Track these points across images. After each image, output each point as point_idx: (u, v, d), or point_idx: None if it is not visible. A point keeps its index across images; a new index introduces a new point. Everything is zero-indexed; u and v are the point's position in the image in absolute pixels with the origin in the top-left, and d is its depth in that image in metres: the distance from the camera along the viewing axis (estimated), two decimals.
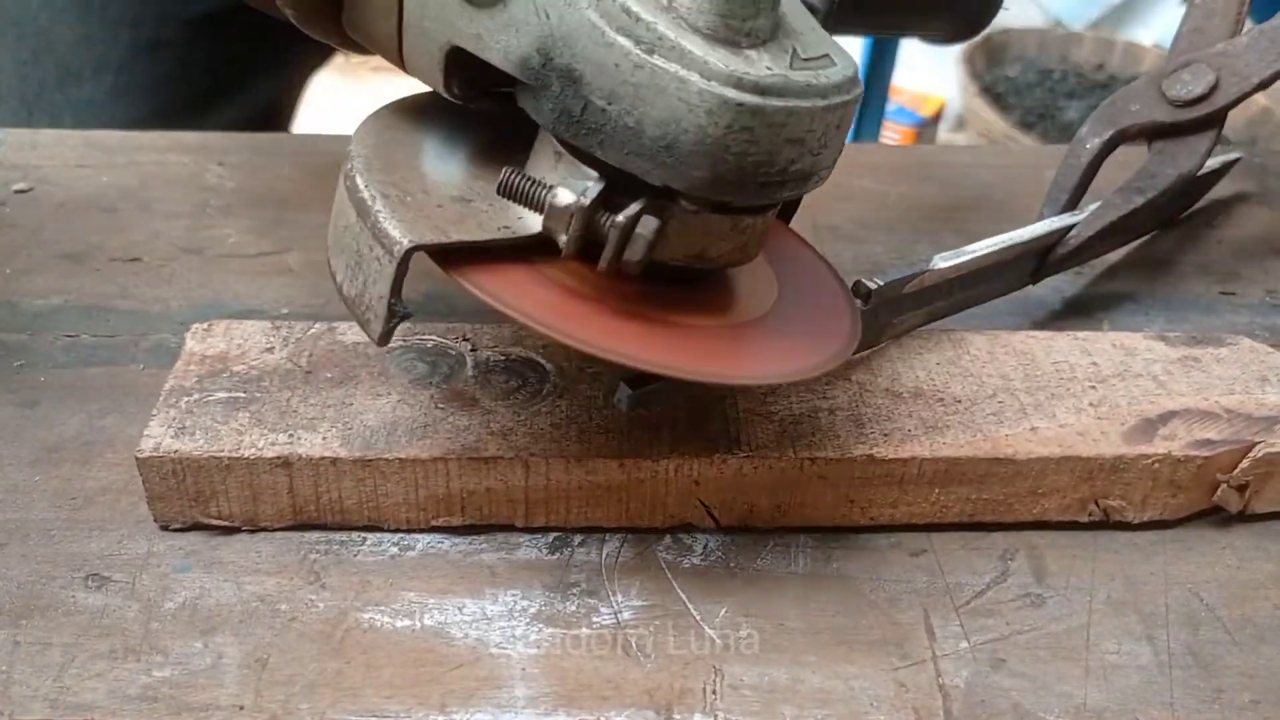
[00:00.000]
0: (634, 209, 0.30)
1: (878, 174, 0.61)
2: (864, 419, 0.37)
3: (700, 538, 0.37)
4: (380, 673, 0.32)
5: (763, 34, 0.29)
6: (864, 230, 0.56)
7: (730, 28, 0.28)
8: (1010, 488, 0.37)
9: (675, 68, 0.28)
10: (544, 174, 0.32)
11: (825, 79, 0.29)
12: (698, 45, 0.28)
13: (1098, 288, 0.52)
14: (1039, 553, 0.37)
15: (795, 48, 0.29)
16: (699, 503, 0.36)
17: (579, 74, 0.29)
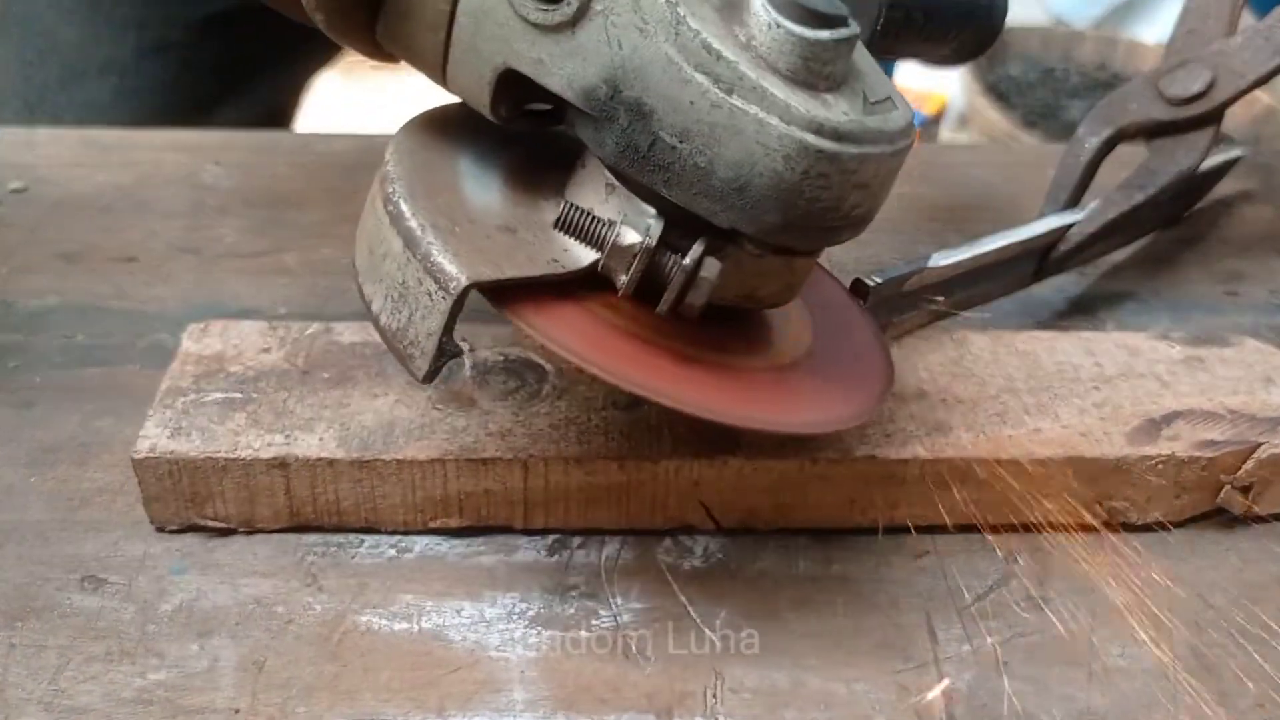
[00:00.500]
0: (698, 251, 0.29)
1: None
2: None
3: (700, 539, 0.37)
4: (378, 676, 0.32)
5: (839, 77, 0.28)
6: (866, 230, 0.55)
7: (810, 70, 0.27)
8: (1013, 489, 0.37)
9: (755, 109, 0.27)
10: (593, 205, 0.31)
11: (892, 124, 0.29)
12: (778, 87, 0.27)
13: (1101, 287, 0.51)
14: (1042, 555, 0.37)
15: (865, 91, 0.29)
16: (699, 504, 0.36)
17: (649, 109, 0.28)
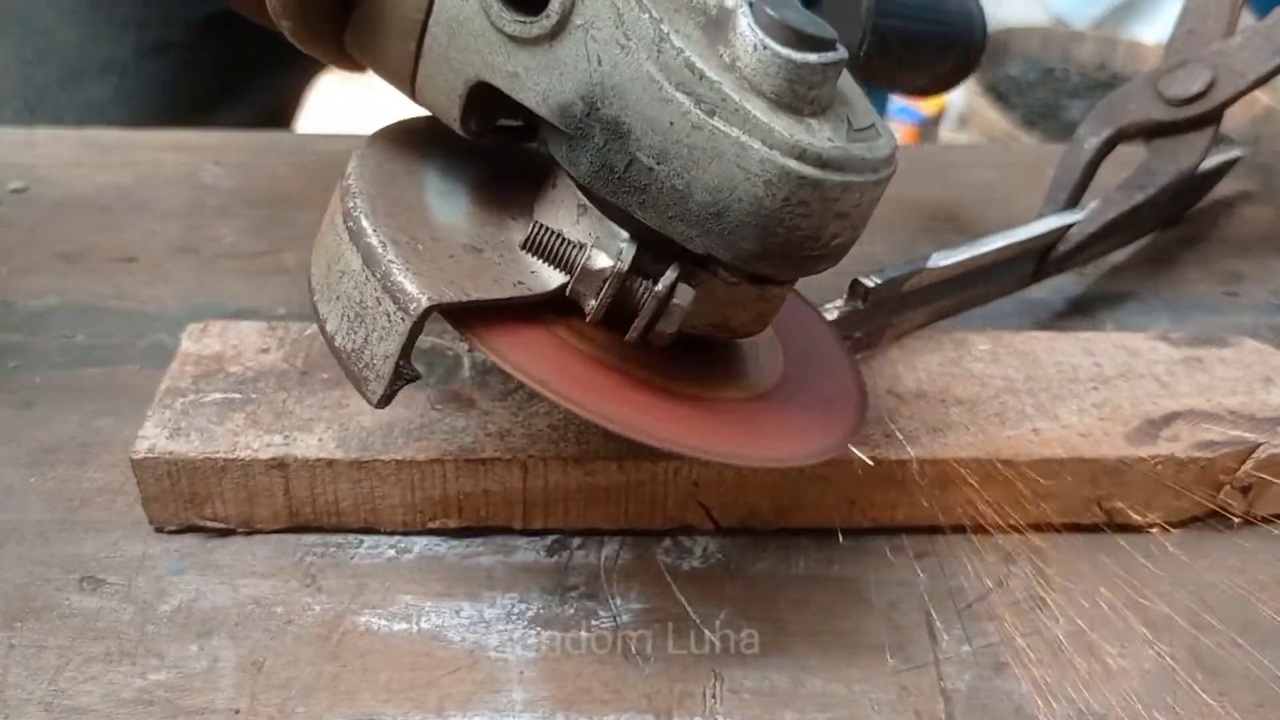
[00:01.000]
0: (671, 277, 0.28)
1: None
2: (865, 420, 0.37)
3: (700, 540, 0.37)
4: (377, 676, 0.32)
5: (824, 102, 0.27)
6: (866, 229, 0.55)
7: (796, 94, 0.26)
8: (1013, 489, 0.37)
9: (737, 132, 0.26)
10: (564, 226, 0.30)
11: (876, 152, 0.28)
12: (762, 110, 0.26)
13: (1101, 288, 0.51)
14: (1042, 555, 0.37)
15: (849, 117, 0.28)
16: (698, 504, 0.36)
17: (627, 128, 0.27)
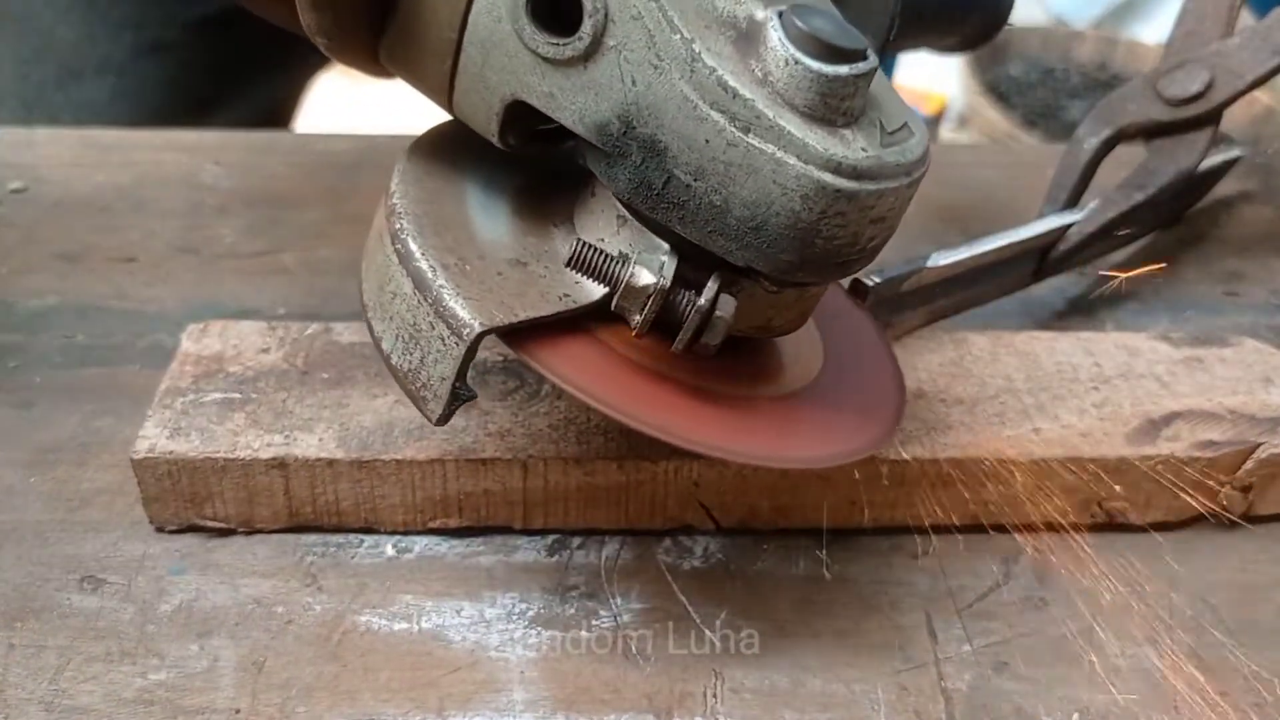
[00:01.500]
0: (713, 289, 0.29)
1: None
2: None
3: (700, 540, 0.37)
4: (377, 676, 0.32)
5: (857, 111, 0.27)
6: None
7: (828, 106, 0.27)
8: (1013, 489, 0.37)
9: (772, 148, 0.26)
10: (603, 237, 0.30)
11: (909, 155, 0.28)
12: (795, 125, 0.26)
13: (1101, 288, 0.51)
14: (1042, 555, 0.37)
15: (881, 120, 0.28)
16: (699, 504, 0.36)
17: (663, 146, 0.27)
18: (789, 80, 0.26)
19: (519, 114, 0.29)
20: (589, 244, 0.29)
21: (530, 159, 0.33)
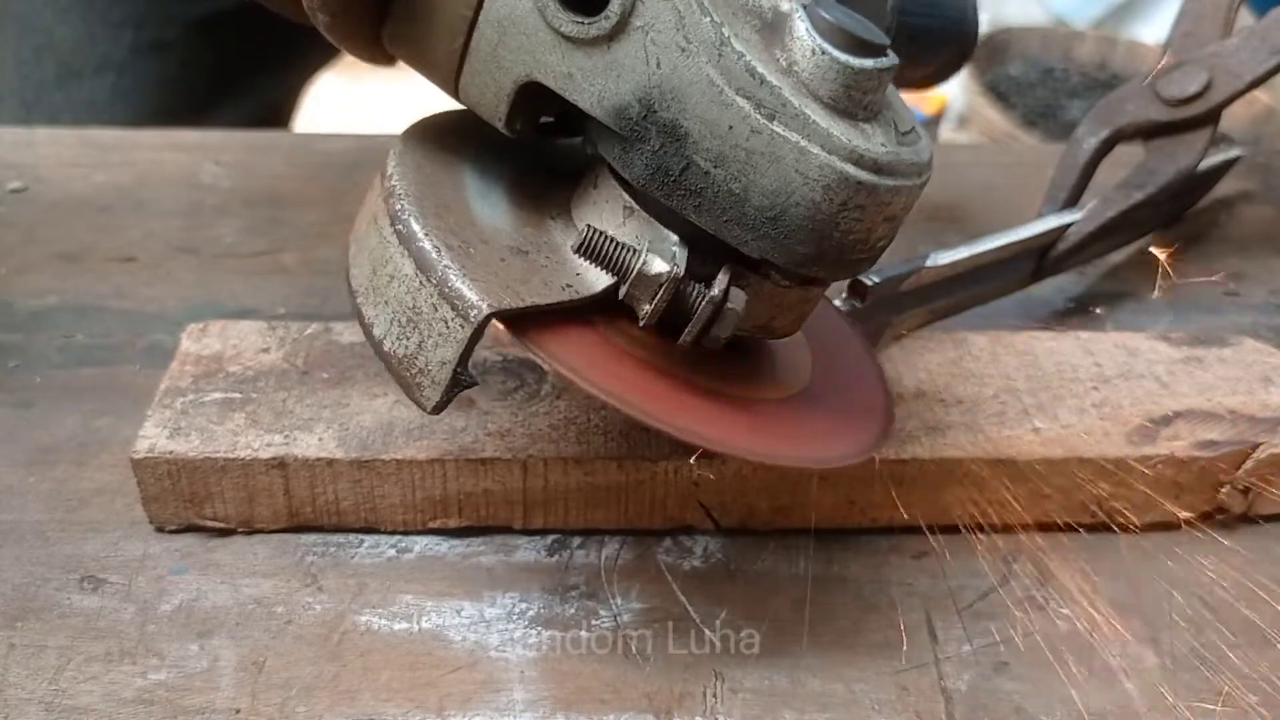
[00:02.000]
0: (724, 281, 0.28)
1: None
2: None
3: (700, 539, 0.37)
4: (378, 676, 0.32)
5: (876, 107, 0.27)
6: None
7: (852, 99, 0.27)
8: (1013, 489, 0.37)
9: (796, 137, 0.26)
10: (608, 228, 0.30)
11: (920, 156, 0.28)
12: (820, 115, 0.26)
13: (1100, 287, 0.51)
14: (1042, 555, 0.37)
15: (896, 121, 0.28)
16: (699, 504, 0.36)
17: (684, 131, 0.27)
18: (814, 71, 0.26)
19: (530, 98, 0.29)
20: (599, 230, 0.29)
21: (524, 150, 0.33)
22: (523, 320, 0.28)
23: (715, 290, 0.28)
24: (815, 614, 0.34)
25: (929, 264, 0.40)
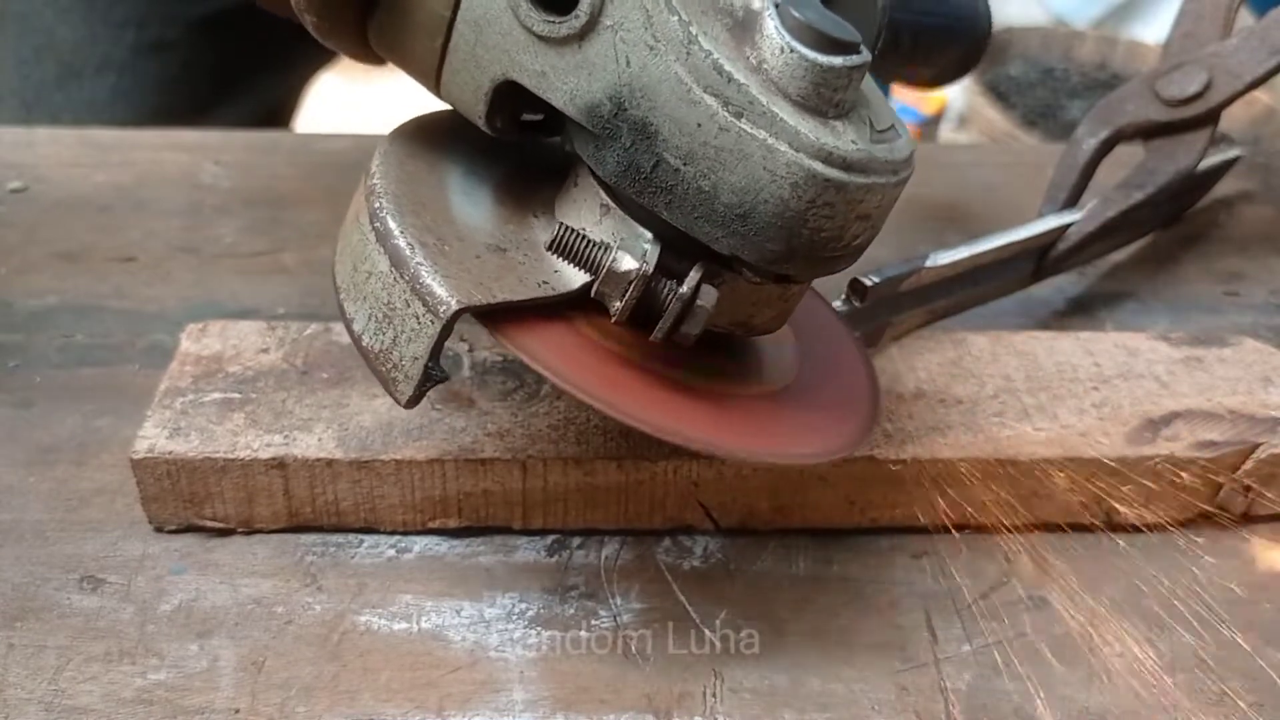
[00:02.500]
0: (695, 278, 0.29)
1: None
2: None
3: (700, 539, 0.37)
4: (377, 676, 0.32)
5: (848, 105, 0.27)
6: None
7: (821, 97, 0.27)
8: (1012, 489, 0.37)
9: (764, 134, 0.26)
10: (586, 226, 0.30)
11: (897, 154, 0.28)
12: (788, 113, 0.26)
13: (1100, 287, 0.51)
14: (1042, 555, 0.37)
15: (871, 119, 0.28)
16: (698, 504, 0.36)
17: (654, 129, 0.27)
18: (784, 68, 0.26)
19: (508, 96, 0.29)
20: (572, 228, 0.29)
21: (514, 149, 0.33)
22: (497, 316, 0.28)
23: (685, 288, 0.29)
24: (815, 614, 0.34)
25: (929, 264, 0.40)
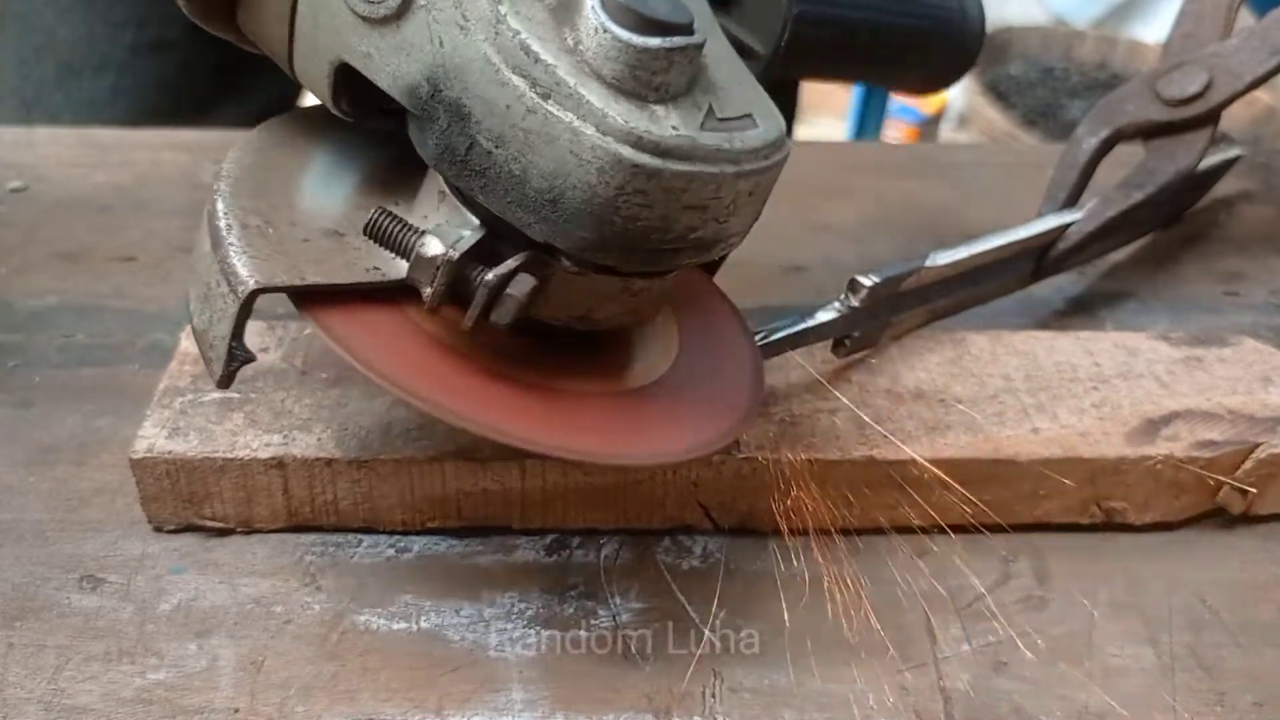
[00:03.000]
0: (509, 266, 0.28)
1: (880, 172, 0.61)
2: (864, 420, 0.37)
3: (699, 539, 0.37)
4: (377, 676, 0.32)
5: (675, 89, 0.26)
6: (866, 229, 0.55)
7: (638, 79, 0.26)
8: (1012, 489, 0.37)
9: (570, 117, 0.25)
10: (426, 212, 0.30)
11: (740, 143, 0.27)
12: (598, 95, 0.25)
13: (1100, 287, 0.52)
14: (1041, 555, 0.37)
15: (712, 105, 0.27)
16: (697, 504, 0.36)
17: (467, 110, 0.26)
18: (598, 49, 0.26)
19: (349, 79, 0.29)
20: (386, 211, 0.29)
21: (395, 138, 0.33)
22: (310, 299, 0.28)
23: (491, 275, 0.28)
24: (815, 614, 0.34)
25: (929, 264, 0.40)
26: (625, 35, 0.25)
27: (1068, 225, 0.46)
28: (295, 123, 0.33)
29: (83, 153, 0.56)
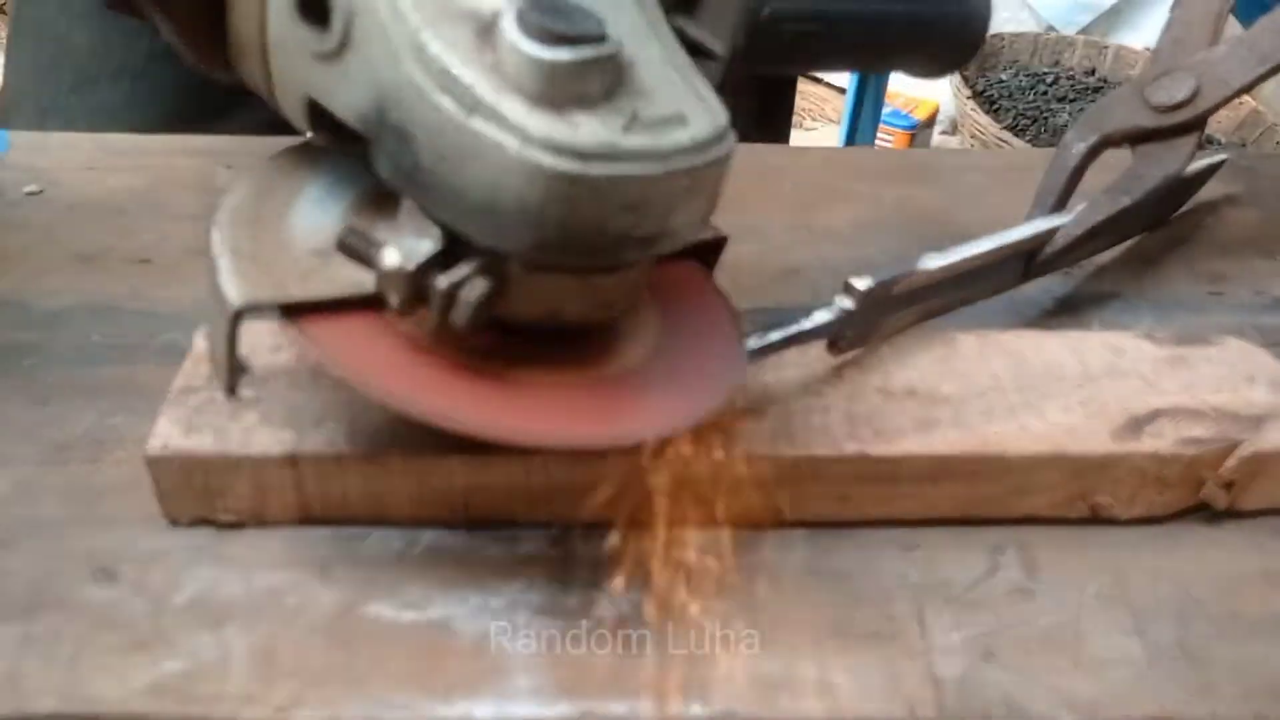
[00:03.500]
0: (462, 272, 0.30)
1: (872, 177, 0.62)
2: (856, 417, 0.38)
3: (698, 533, 0.37)
4: (386, 664, 0.32)
5: (594, 97, 0.28)
6: (858, 232, 0.56)
7: (557, 90, 0.27)
8: (1000, 484, 0.37)
9: (493, 131, 0.27)
10: (402, 225, 0.31)
11: (668, 142, 0.28)
12: (518, 109, 0.27)
13: (1087, 288, 0.52)
14: (1029, 548, 0.38)
15: (636, 109, 0.28)
16: (692, 499, 0.37)
17: (410, 133, 0.28)
18: (515, 66, 0.27)
19: (321, 114, 0.31)
20: (351, 228, 0.31)
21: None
22: (297, 313, 0.31)
23: (443, 281, 0.30)
24: (810, 606, 0.35)
25: (921, 267, 0.41)
26: (535, 51, 0.27)
27: (1056, 229, 0.47)
28: (296, 153, 0.36)
29: (98, 157, 0.57)
